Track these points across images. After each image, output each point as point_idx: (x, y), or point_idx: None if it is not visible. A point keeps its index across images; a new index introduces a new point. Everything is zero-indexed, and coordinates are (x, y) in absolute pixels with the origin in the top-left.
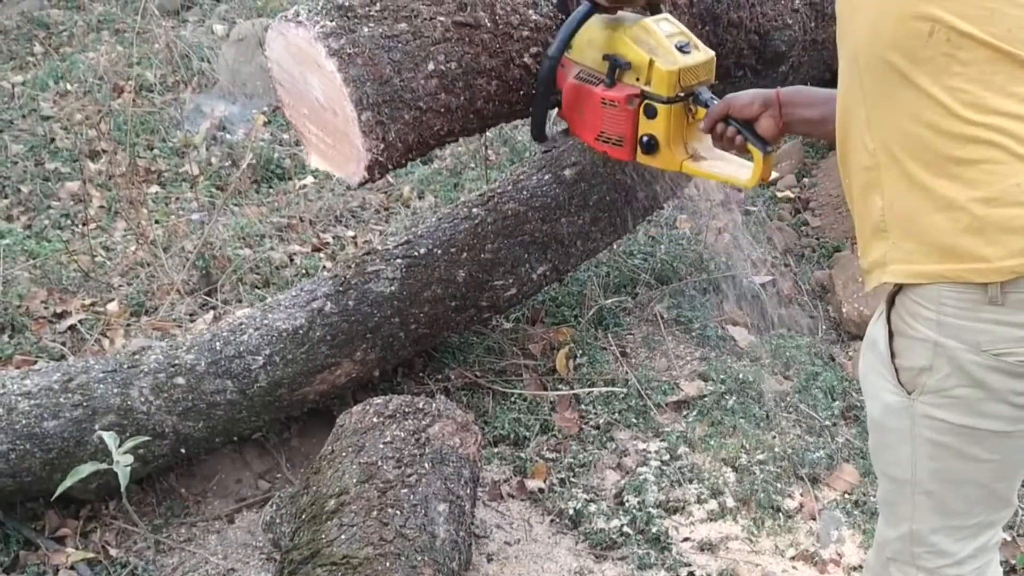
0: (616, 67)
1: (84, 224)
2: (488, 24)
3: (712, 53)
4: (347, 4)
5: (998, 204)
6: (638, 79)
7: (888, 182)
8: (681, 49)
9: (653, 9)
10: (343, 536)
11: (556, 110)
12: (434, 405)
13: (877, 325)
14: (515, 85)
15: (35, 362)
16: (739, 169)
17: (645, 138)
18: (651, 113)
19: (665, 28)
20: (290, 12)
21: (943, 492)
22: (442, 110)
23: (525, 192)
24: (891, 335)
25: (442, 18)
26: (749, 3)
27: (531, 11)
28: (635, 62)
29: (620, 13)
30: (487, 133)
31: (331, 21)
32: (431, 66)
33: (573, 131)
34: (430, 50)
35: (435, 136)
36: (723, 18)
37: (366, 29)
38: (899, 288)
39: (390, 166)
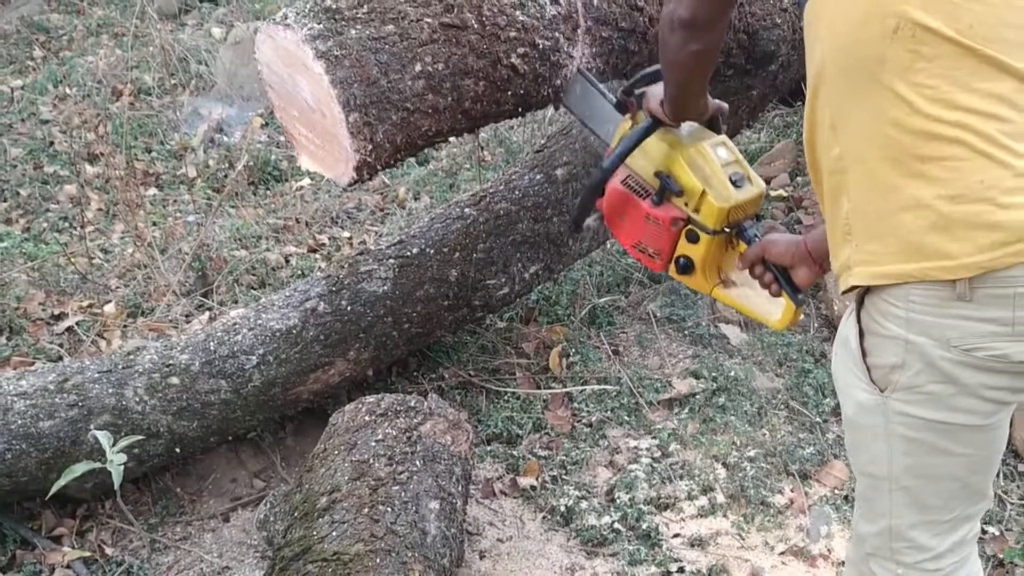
0: (667, 190)
1: (82, 227)
2: (475, 25)
3: (763, 186)
4: (334, 7)
5: (963, 200)
6: (687, 204)
7: (853, 184)
8: (735, 183)
9: (713, 124)
10: (334, 533)
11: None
12: (426, 403)
13: (848, 324)
14: (503, 85)
15: (33, 363)
16: (769, 306)
17: (682, 260)
18: (693, 238)
19: (722, 155)
20: (278, 15)
21: (919, 488)
22: (430, 111)
23: (517, 192)
24: (862, 334)
25: (429, 20)
26: (738, 3)
27: (518, 12)
28: (687, 188)
29: (680, 128)
30: (481, 133)
31: (318, 24)
32: (418, 67)
33: (609, 228)
34: (417, 51)
35: (423, 136)
36: None
37: (353, 31)
38: (868, 288)
39: (378, 166)
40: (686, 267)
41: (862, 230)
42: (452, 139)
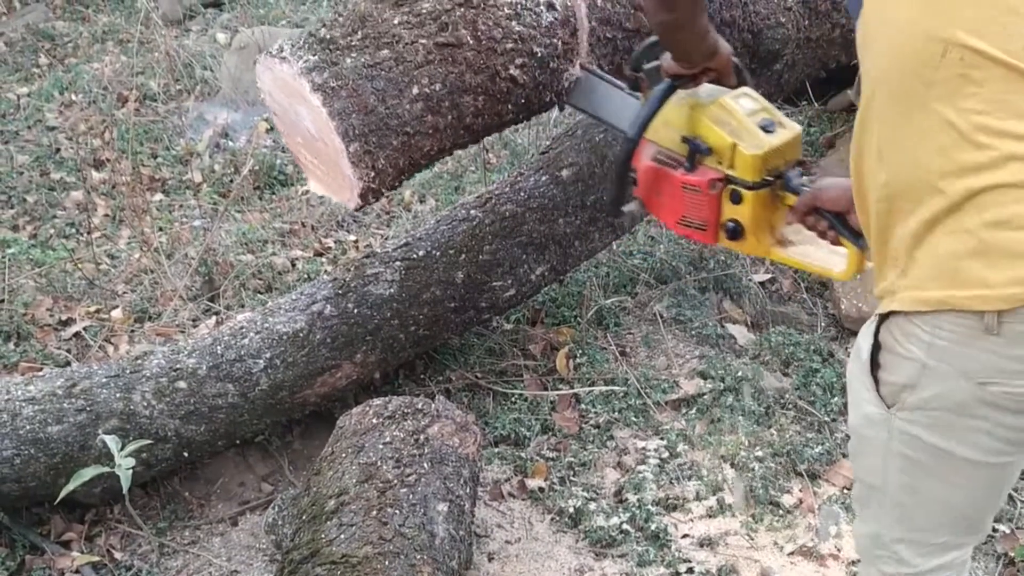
0: (696, 151)
1: (88, 232)
2: (471, 41)
3: (799, 129)
4: (328, 36)
5: (1006, 227)
6: (720, 163)
7: (899, 211)
8: (765, 128)
9: (739, 77)
10: (342, 536)
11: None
12: (433, 406)
13: (864, 335)
14: (503, 98)
15: (41, 369)
16: (831, 257)
17: (730, 224)
18: (736, 199)
19: (746, 105)
20: (275, 47)
21: (911, 507)
22: (430, 131)
23: (523, 193)
24: (877, 346)
25: (424, 41)
26: (742, 2)
27: (514, 23)
28: (717, 146)
29: (697, 90)
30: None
31: (313, 55)
32: (415, 90)
33: (651, 212)
34: (413, 74)
35: (426, 156)
36: (716, 17)
37: (349, 60)
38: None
39: (383, 190)
40: (735, 231)
41: (908, 256)
42: None
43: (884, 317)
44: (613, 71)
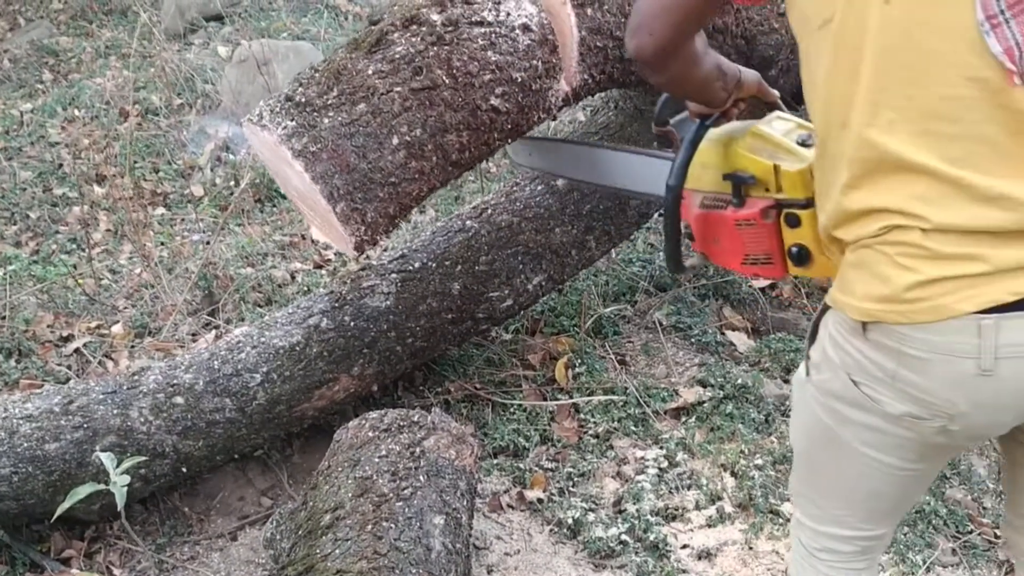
0: (741, 184)
1: (89, 248)
2: (447, 80)
3: None
4: (304, 99)
5: (878, 244)
6: (768, 190)
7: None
8: (803, 143)
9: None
10: (337, 551)
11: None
12: (429, 418)
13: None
14: (487, 128)
15: (41, 385)
16: None
17: (794, 249)
18: (793, 222)
19: (779, 127)
20: (255, 113)
21: (811, 468)
22: (416, 176)
23: (518, 203)
24: (818, 323)
25: (399, 88)
26: (734, 8)
27: (490, 52)
28: (760, 174)
29: (728, 126)
30: None
31: (291, 120)
32: (396, 140)
33: (714, 261)
34: (392, 124)
35: (415, 199)
36: (708, 24)
37: (326, 120)
38: None
39: (378, 238)
40: (801, 255)
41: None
42: None
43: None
44: (605, 80)
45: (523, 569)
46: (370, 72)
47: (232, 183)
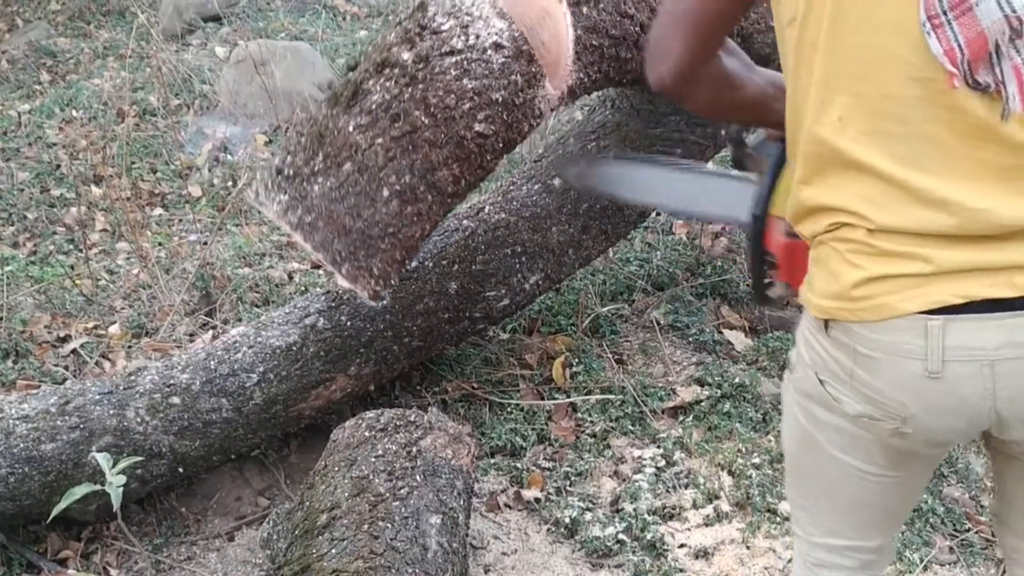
0: None
1: (86, 248)
2: (426, 121)
3: None
4: (293, 172)
5: (833, 241)
6: None
7: None
8: None
9: None
10: (333, 550)
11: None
12: (426, 418)
13: None
14: (478, 153)
15: (38, 386)
16: None
17: None
18: None
19: None
20: (252, 192)
21: (798, 474)
22: (414, 220)
23: (515, 202)
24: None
25: (380, 140)
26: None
27: (465, 80)
28: None
29: None
30: None
31: (284, 195)
32: (386, 192)
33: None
34: (380, 178)
35: (419, 239)
36: None
37: (316, 188)
38: None
39: (392, 281)
40: None
41: None
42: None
43: None
44: (601, 79)
45: (520, 568)
46: (351, 129)
47: (230, 183)
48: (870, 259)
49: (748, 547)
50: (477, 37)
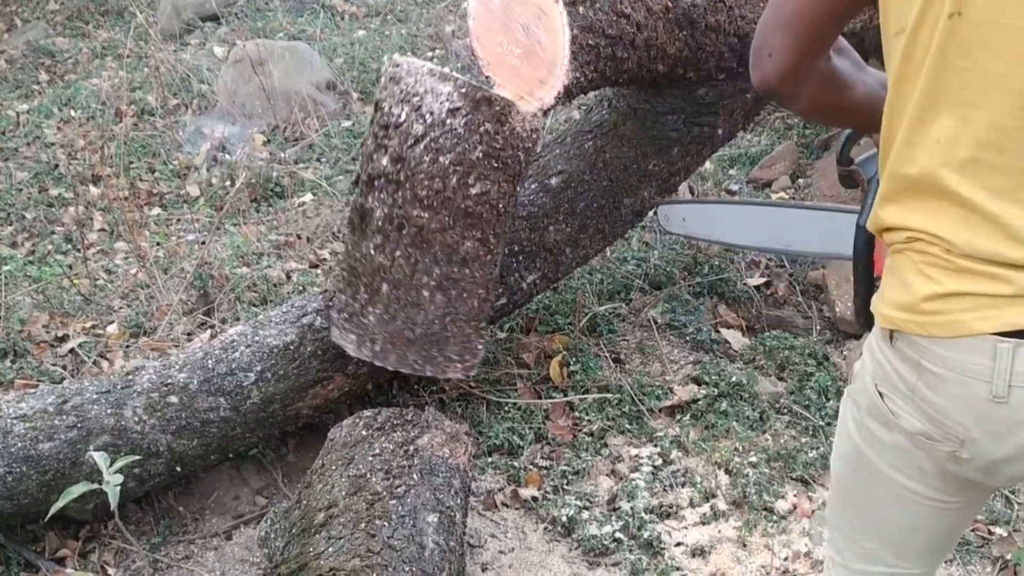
0: None
1: (84, 248)
2: (426, 215)
3: None
4: (348, 311)
5: (906, 250)
6: None
7: None
8: None
9: None
10: (330, 549)
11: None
12: (423, 416)
13: None
14: (488, 208)
15: (36, 385)
16: None
17: None
18: None
19: None
20: (333, 332)
21: (844, 496)
22: (464, 296)
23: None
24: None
25: (398, 252)
26: (727, 6)
27: (440, 158)
28: None
29: None
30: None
31: (351, 334)
32: (426, 293)
33: None
34: (414, 285)
35: (481, 303)
36: (700, 23)
37: (371, 318)
38: None
39: (479, 347)
40: None
41: None
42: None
43: None
44: (598, 78)
45: (517, 567)
46: (372, 252)
47: (228, 183)
48: (946, 273)
49: (744, 545)
50: (431, 113)
